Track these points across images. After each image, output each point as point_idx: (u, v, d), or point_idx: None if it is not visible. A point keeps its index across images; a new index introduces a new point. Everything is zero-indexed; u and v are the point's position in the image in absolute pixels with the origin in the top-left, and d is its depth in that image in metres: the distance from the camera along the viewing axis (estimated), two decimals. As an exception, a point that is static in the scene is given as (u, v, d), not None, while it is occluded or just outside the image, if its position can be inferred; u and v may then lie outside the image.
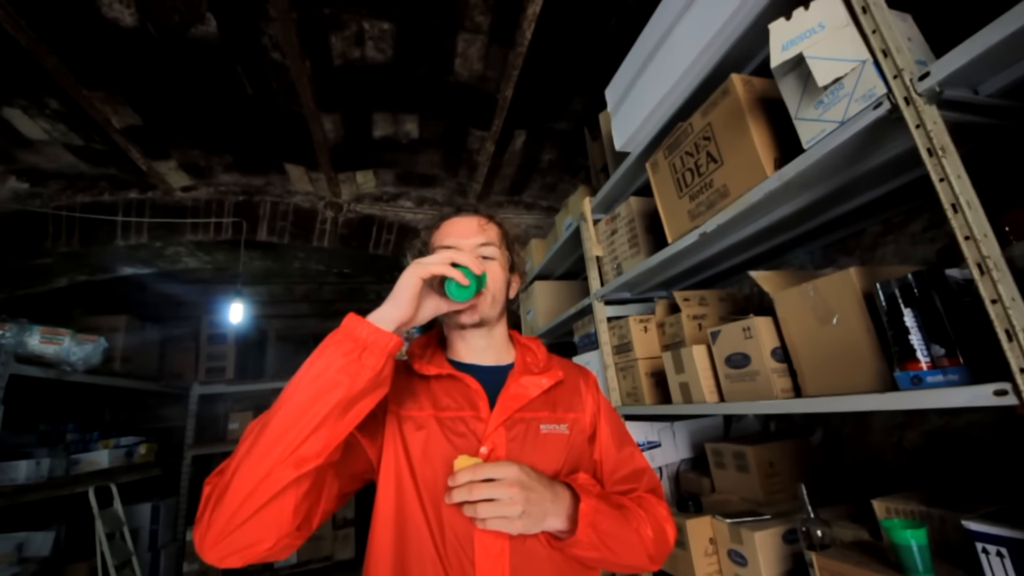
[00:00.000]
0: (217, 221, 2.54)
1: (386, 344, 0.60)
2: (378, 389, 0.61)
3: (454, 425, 0.72)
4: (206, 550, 0.54)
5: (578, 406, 0.82)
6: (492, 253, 0.80)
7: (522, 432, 0.73)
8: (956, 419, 1.11)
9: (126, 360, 3.49)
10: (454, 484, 0.61)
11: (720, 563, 1.14)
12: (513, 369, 0.81)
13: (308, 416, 0.55)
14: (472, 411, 0.73)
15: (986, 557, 0.68)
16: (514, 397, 0.75)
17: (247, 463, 0.54)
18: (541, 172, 2.67)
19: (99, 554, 2.84)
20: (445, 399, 0.74)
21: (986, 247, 0.62)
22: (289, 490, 0.54)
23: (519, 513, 0.60)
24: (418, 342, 0.84)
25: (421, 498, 0.67)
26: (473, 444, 0.70)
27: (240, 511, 0.53)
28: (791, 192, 1.00)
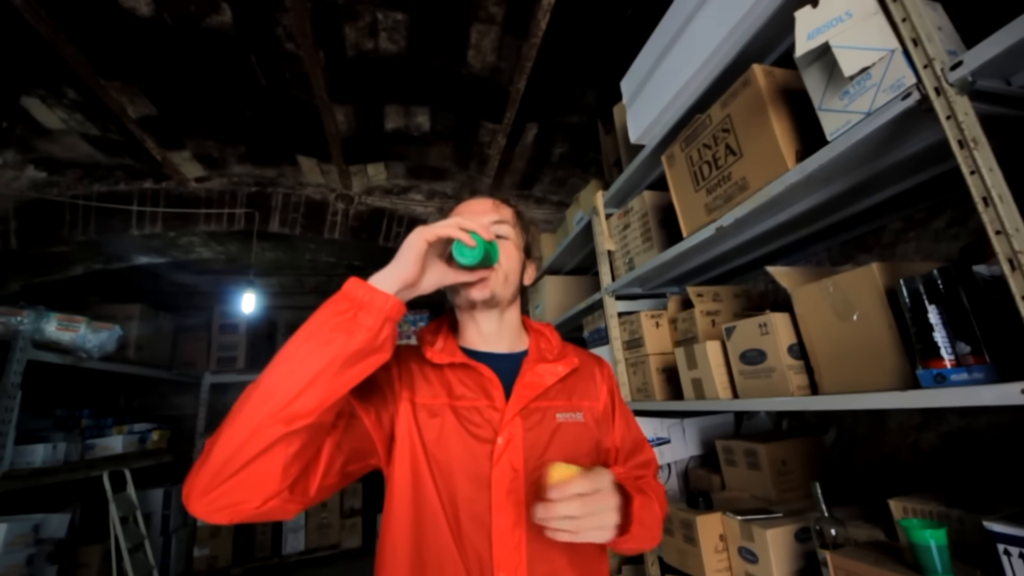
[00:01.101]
0: (230, 212, 2.56)
1: (383, 305, 0.58)
2: (376, 354, 0.59)
3: (469, 415, 0.71)
4: (192, 502, 0.53)
5: (592, 394, 0.82)
6: (506, 232, 0.79)
7: (538, 421, 0.73)
8: (976, 420, 1.09)
9: (140, 348, 3.55)
10: (559, 498, 0.57)
11: (730, 560, 1.13)
12: (527, 357, 0.79)
13: (299, 372, 0.54)
14: (487, 400, 0.72)
15: (1008, 559, 0.67)
16: (529, 386, 0.74)
17: (238, 419, 0.53)
18: (552, 166, 2.65)
19: (113, 537, 2.91)
20: (459, 388, 0.73)
21: (1018, 242, 0.60)
22: (278, 447, 0.53)
23: (616, 524, 0.60)
24: (428, 328, 0.82)
25: (437, 486, 0.67)
26: (489, 434, 0.69)
27: (227, 466, 0.52)
28: (812, 186, 0.98)
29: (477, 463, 0.68)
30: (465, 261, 0.66)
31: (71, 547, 2.79)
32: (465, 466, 0.67)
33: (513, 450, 0.69)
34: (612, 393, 0.85)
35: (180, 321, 4.41)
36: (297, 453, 0.55)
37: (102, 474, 3.00)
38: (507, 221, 0.80)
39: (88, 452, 3.14)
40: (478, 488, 0.67)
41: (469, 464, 0.68)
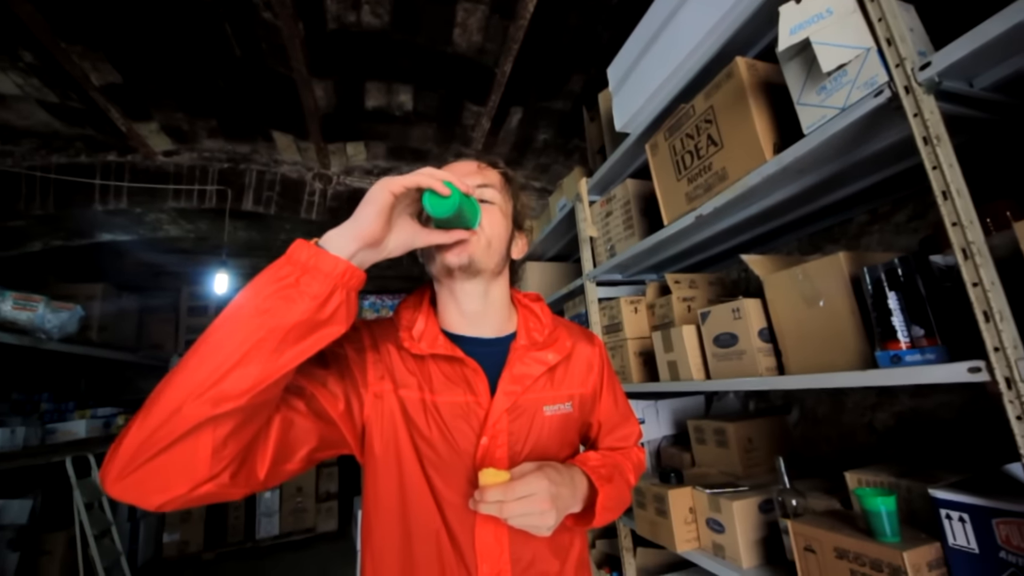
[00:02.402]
0: (201, 188, 2.46)
1: (331, 269, 0.50)
2: (324, 327, 0.51)
3: (451, 411, 0.66)
4: (108, 485, 0.46)
5: (582, 379, 0.78)
6: (491, 197, 0.70)
7: (526, 420, 0.69)
8: (925, 401, 1.18)
9: (103, 329, 3.40)
10: (482, 500, 0.57)
11: (699, 531, 1.20)
12: (515, 342, 0.72)
13: (229, 347, 0.46)
14: (471, 395, 0.67)
15: (949, 523, 0.74)
16: (517, 379, 0.69)
17: (160, 397, 0.46)
18: (536, 152, 2.65)
19: (77, 523, 2.82)
20: (440, 380, 0.67)
21: (971, 233, 0.65)
22: (204, 430, 0.45)
23: (550, 525, 0.59)
24: (407, 303, 0.73)
25: (424, 479, 0.64)
26: (473, 432, 0.66)
27: (144, 448, 0.44)
28: (788, 177, 1.02)
29: (460, 461, 0.65)
30: (437, 212, 0.57)
31: (34, 534, 2.69)
32: (449, 463, 0.65)
33: (497, 448, 0.66)
34: (603, 371, 0.82)
35: (146, 302, 4.25)
36: (229, 436, 0.47)
37: (65, 459, 2.90)
38: (493, 185, 0.71)
39: (49, 437, 3.02)
40: (461, 485, 0.65)
41: (452, 462, 0.65)
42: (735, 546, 1.08)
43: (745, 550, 1.08)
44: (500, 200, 0.72)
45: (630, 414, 0.88)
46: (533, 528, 0.59)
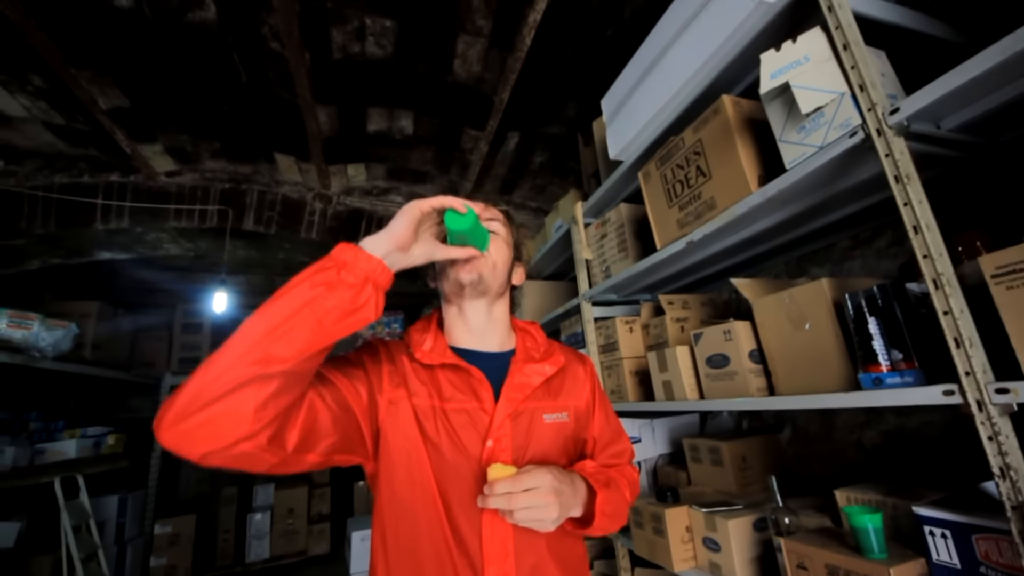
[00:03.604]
0: (202, 208, 2.49)
1: (366, 265, 0.60)
2: (360, 312, 0.59)
3: (458, 417, 0.72)
4: (162, 432, 0.51)
5: (577, 392, 0.84)
6: (496, 228, 0.80)
7: (526, 423, 0.75)
8: (910, 420, 1.22)
9: (96, 347, 3.38)
10: (491, 494, 0.61)
11: (695, 550, 1.22)
12: (515, 356, 0.80)
13: (279, 319, 0.55)
14: (476, 402, 0.73)
15: (932, 539, 0.77)
16: (518, 387, 0.76)
17: (214, 356, 0.53)
18: (532, 174, 2.72)
19: (64, 546, 2.75)
20: (449, 388, 0.74)
21: (941, 265, 0.70)
22: (251, 386, 0.52)
23: (554, 519, 0.64)
24: (416, 327, 0.81)
25: (435, 484, 0.69)
26: (479, 436, 0.71)
27: (198, 398, 0.51)
28: (772, 207, 1.08)
29: (468, 464, 0.70)
30: (455, 227, 0.68)
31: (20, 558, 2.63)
32: (456, 467, 0.70)
33: (502, 451, 0.71)
34: (594, 389, 0.88)
35: (139, 319, 4.22)
36: (272, 396, 0.54)
37: (53, 480, 2.84)
38: (498, 219, 0.82)
39: (38, 457, 2.97)
40: (468, 488, 0.69)
41: (460, 465, 0.70)
42: (731, 565, 1.11)
43: (741, 569, 1.10)
44: (504, 232, 0.82)
45: (621, 432, 0.92)
46: (538, 523, 0.64)
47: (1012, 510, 0.62)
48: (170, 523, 3.87)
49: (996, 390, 0.64)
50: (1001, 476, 0.63)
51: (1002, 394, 0.63)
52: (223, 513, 4.11)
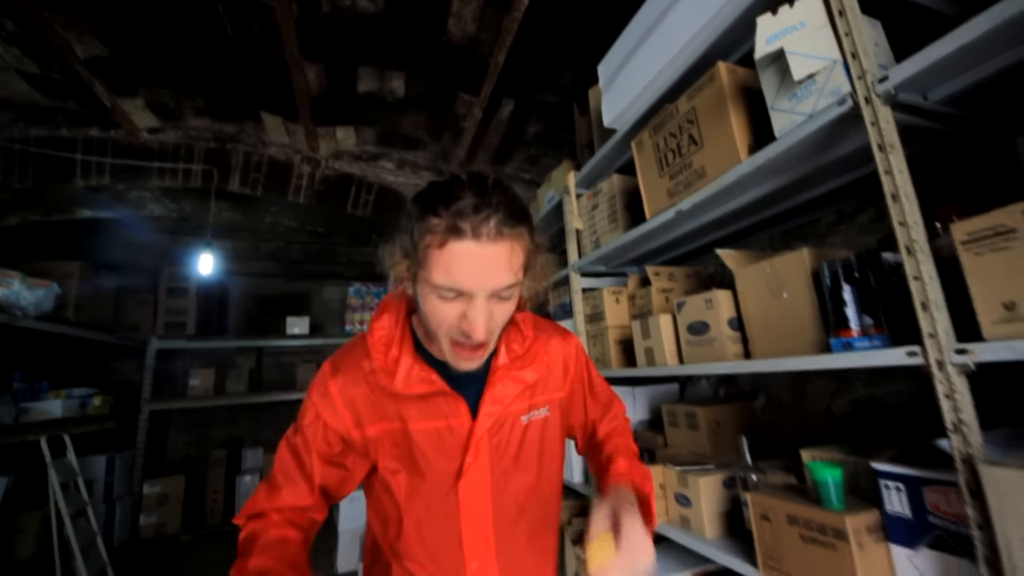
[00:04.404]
0: (186, 167, 2.43)
1: None
2: None
3: (436, 435, 0.68)
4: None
5: (557, 384, 0.79)
6: (512, 292, 0.62)
7: (506, 434, 0.72)
8: (878, 389, 1.28)
9: (79, 308, 3.33)
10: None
11: (668, 505, 1.28)
12: (496, 360, 0.71)
13: None
14: (456, 420, 0.69)
15: (887, 491, 0.83)
16: (498, 400, 0.70)
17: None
18: (526, 144, 2.69)
19: (52, 502, 2.79)
20: (423, 408, 0.69)
21: (915, 233, 0.73)
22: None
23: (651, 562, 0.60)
24: (377, 342, 0.69)
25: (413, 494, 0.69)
26: (456, 451, 0.69)
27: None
28: (761, 177, 1.09)
29: (445, 477, 0.69)
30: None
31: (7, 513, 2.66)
32: (434, 480, 0.69)
33: (480, 462, 0.69)
34: (579, 367, 0.83)
35: (123, 282, 4.15)
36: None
37: (39, 439, 2.85)
38: (518, 277, 0.61)
39: (23, 416, 2.97)
40: (447, 498, 0.68)
41: (437, 478, 0.69)
42: (700, 518, 1.17)
43: (709, 522, 1.16)
44: (519, 284, 0.63)
45: (612, 396, 0.89)
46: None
47: (961, 462, 0.67)
48: (158, 483, 3.92)
49: (956, 351, 0.67)
50: (954, 430, 0.67)
51: (961, 355, 0.67)
52: (212, 475, 4.18)
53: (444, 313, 0.60)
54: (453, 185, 0.58)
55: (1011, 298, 0.63)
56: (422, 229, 0.58)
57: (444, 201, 0.57)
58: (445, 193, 0.58)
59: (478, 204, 0.56)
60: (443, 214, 0.56)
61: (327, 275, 5.38)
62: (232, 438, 4.77)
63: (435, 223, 0.57)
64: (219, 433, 4.82)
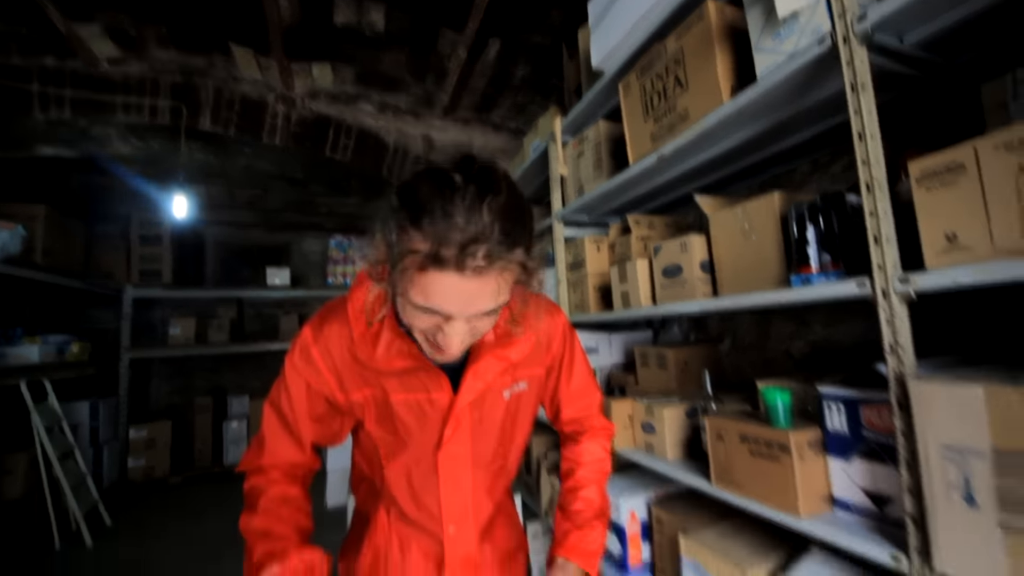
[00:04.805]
0: (152, 103, 2.30)
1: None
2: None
3: (417, 407, 0.69)
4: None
5: (539, 360, 0.79)
6: (498, 310, 0.58)
7: (488, 408, 0.73)
8: (835, 331, 1.37)
9: (48, 254, 3.22)
10: None
11: (634, 433, 1.39)
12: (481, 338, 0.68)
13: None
14: (436, 392, 0.69)
15: (828, 411, 0.92)
16: (480, 376, 0.69)
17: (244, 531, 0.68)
18: (513, 89, 2.61)
19: (38, 444, 2.82)
20: (404, 381, 0.69)
21: (876, 170, 0.77)
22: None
23: None
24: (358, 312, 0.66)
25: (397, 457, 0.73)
26: (436, 422, 0.70)
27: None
28: (742, 121, 1.11)
29: (425, 446, 0.71)
30: None
31: (-8, 453, 2.68)
32: (415, 448, 0.71)
33: (460, 434, 0.71)
34: (564, 343, 0.82)
35: (91, 228, 4.00)
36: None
37: (19, 383, 2.84)
38: (508, 289, 0.56)
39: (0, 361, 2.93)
40: (428, 465, 0.72)
41: (418, 446, 0.71)
42: (663, 444, 1.28)
43: (671, 447, 1.27)
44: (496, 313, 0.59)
45: (592, 385, 0.88)
46: None
47: (894, 380, 0.75)
48: (145, 428, 3.98)
49: (900, 280, 0.73)
50: (891, 352, 0.75)
51: (904, 283, 0.73)
52: (199, 420, 4.25)
53: (420, 323, 0.57)
54: (444, 189, 0.50)
55: (953, 230, 0.69)
56: (403, 242, 0.51)
57: (431, 215, 0.49)
58: (434, 201, 0.49)
59: (465, 232, 0.48)
60: (426, 236, 0.49)
61: (307, 226, 5.26)
62: (216, 387, 4.82)
63: (416, 244, 0.50)
64: (202, 382, 4.86)
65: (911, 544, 0.72)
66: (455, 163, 0.53)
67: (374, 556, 0.77)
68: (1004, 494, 0.61)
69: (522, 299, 0.66)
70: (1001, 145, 0.63)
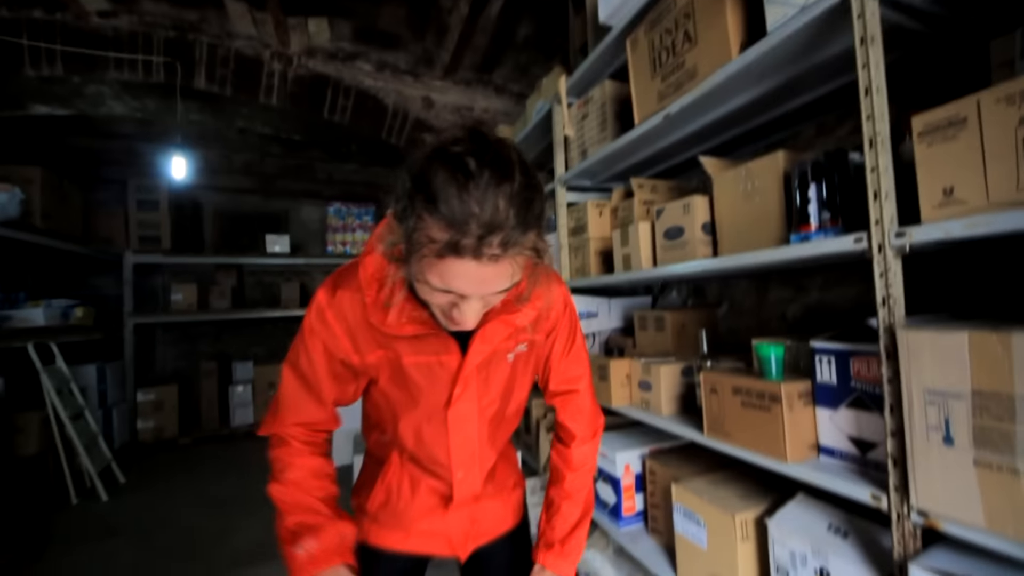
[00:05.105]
0: (146, 59, 2.23)
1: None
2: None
3: (428, 368, 0.72)
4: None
5: (543, 327, 0.81)
6: (510, 288, 0.60)
7: (493, 369, 0.76)
8: (828, 294, 1.41)
9: (47, 217, 3.20)
10: None
11: (631, 391, 1.44)
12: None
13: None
14: (446, 355, 0.72)
15: (819, 364, 0.96)
16: (488, 340, 0.72)
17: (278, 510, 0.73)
18: (516, 49, 2.54)
19: (49, 404, 2.89)
20: (416, 344, 0.71)
21: (880, 125, 0.78)
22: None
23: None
24: (371, 278, 0.67)
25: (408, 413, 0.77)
26: (445, 383, 0.74)
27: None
28: (750, 78, 1.10)
29: (436, 404, 0.75)
30: None
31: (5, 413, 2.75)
32: (426, 405, 0.75)
33: (468, 393, 0.75)
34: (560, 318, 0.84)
35: (88, 192, 3.96)
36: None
37: (26, 345, 2.88)
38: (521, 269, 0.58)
39: (5, 323, 2.96)
40: (438, 421, 0.76)
41: (429, 404, 0.75)
42: (659, 400, 1.33)
43: (666, 403, 1.32)
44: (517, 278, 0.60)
45: (582, 360, 0.89)
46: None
47: (884, 330, 0.78)
48: (152, 392, 4.07)
49: (896, 234, 0.75)
50: (882, 304, 0.78)
51: (900, 237, 0.75)
52: (205, 384, 4.34)
53: (436, 300, 0.59)
54: (459, 175, 0.50)
55: (951, 184, 0.70)
56: (421, 229, 0.52)
57: (447, 204, 0.49)
58: (449, 189, 0.50)
59: (482, 221, 0.49)
60: (443, 225, 0.50)
61: (305, 193, 5.21)
62: (220, 353, 4.89)
63: (433, 232, 0.51)
64: (206, 348, 4.93)
65: (891, 484, 0.77)
66: (467, 144, 0.52)
67: (386, 492, 0.83)
68: (979, 433, 0.65)
69: (532, 274, 0.65)
70: (1003, 98, 0.64)
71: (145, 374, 4.53)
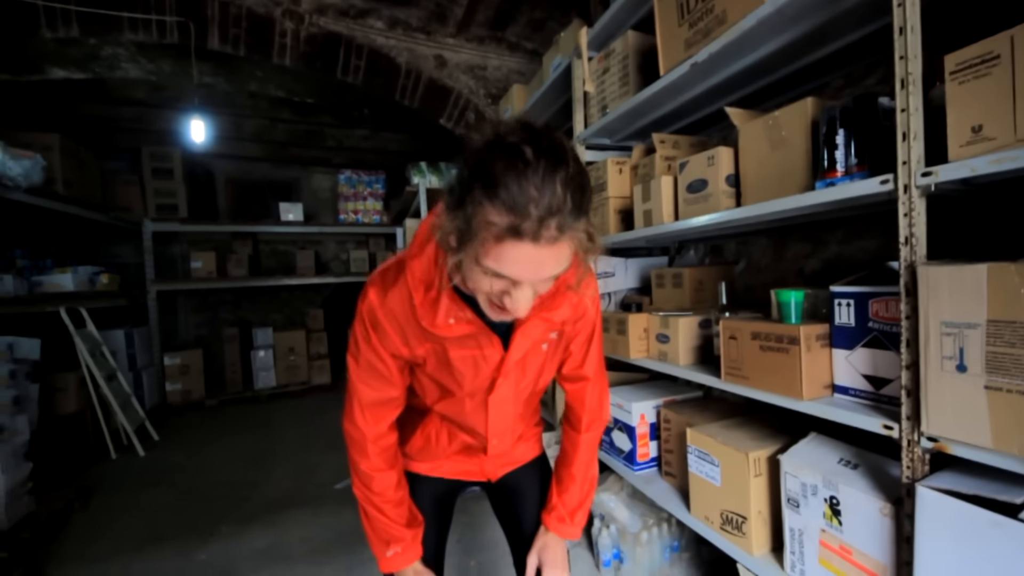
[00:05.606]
0: (159, 19, 2.22)
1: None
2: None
3: (473, 361, 0.78)
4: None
5: (572, 318, 0.84)
6: (559, 275, 0.62)
7: (530, 357, 0.82)
8: (848, 247, 1.42)
9: (68, 185, 3.26)
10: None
11: (649, 343, 1.49)
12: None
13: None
14: (489, 350, 0.77)
15: (838, 308, 0.99)
16: (528, 336, 0.77)
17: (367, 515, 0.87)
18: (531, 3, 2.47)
19: (84, 365, 3.03)
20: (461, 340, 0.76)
21: (912, 66, 0.78)
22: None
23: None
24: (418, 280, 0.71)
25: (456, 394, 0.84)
26: (487, 375, 0.80)
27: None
28: (781, 23, 1.08)
29: (478, 390, 0.82)
30: None
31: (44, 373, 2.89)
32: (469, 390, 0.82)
33: (508, 380, 0.81)
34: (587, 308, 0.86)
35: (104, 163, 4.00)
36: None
37: (59, 309, 3.00)
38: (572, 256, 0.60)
39: (37, 288, 3.07)
40: (479, 400, 0.84)
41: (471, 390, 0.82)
42: (676, 351, 1.38)
43: (684, 354, 1.37)
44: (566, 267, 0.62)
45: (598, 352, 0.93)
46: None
47: (905, 268, 0.81)
48: (178, 356, 4.23)
49: (922, 174, 0.77)
50: (905, 243, 0.80)
51: (926, 177, 0.77)
52: (228, 349, 4.49)
53: (487, 286, 0.61)
54: (517, 162, 0.52)
55: (980, 121, 0.71)
56: (480, 214, 0.54)
57: (507, 189, 0.52)
58: (508, 175, 0.52)
59: (540, 205, 0.52)
60: (503, 210, 0.52)
61: (315, 161, 5.20)
62: (240, 319, 5.03)
63: (493, 217, 0.53)
64: (227, 315, 5.07)
65: (903, 414, 0.82)
66: (522, 134, 0.54)
67: (425, 440, 0.93)
68: (992, 359, 0.69)
69: (581, 262, 0.65)
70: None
71: (169, 340, 4.69)
